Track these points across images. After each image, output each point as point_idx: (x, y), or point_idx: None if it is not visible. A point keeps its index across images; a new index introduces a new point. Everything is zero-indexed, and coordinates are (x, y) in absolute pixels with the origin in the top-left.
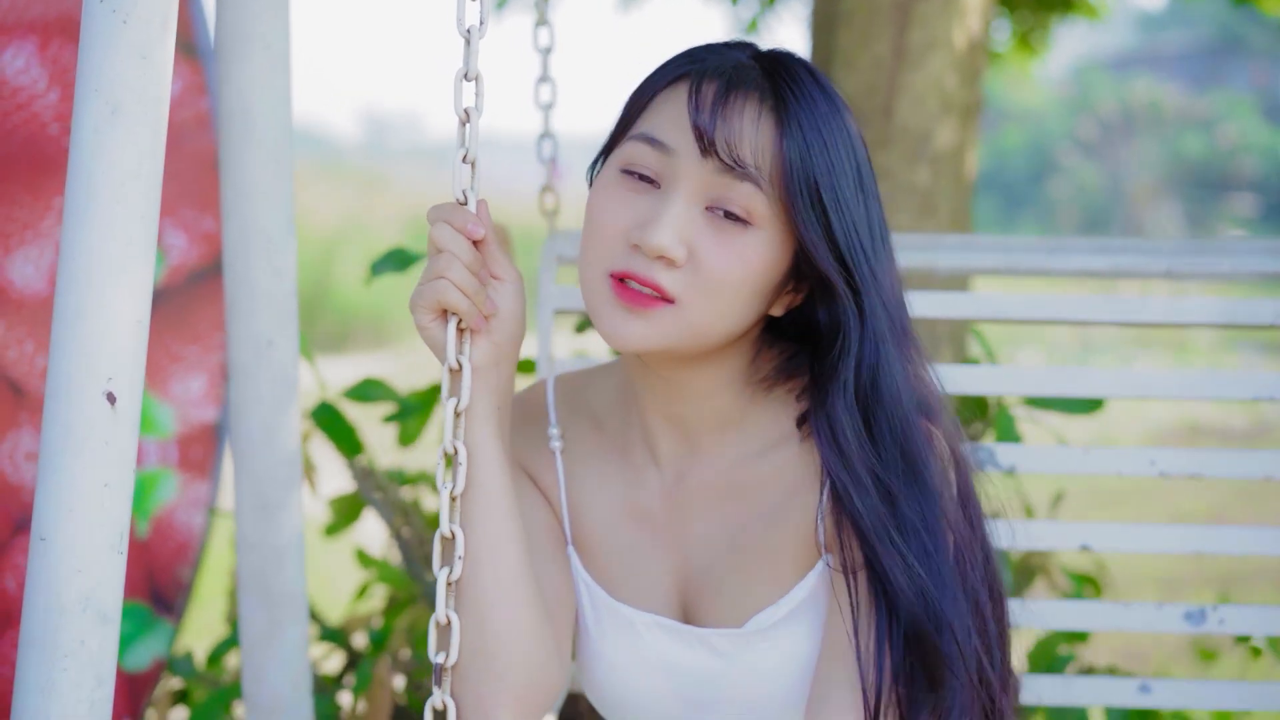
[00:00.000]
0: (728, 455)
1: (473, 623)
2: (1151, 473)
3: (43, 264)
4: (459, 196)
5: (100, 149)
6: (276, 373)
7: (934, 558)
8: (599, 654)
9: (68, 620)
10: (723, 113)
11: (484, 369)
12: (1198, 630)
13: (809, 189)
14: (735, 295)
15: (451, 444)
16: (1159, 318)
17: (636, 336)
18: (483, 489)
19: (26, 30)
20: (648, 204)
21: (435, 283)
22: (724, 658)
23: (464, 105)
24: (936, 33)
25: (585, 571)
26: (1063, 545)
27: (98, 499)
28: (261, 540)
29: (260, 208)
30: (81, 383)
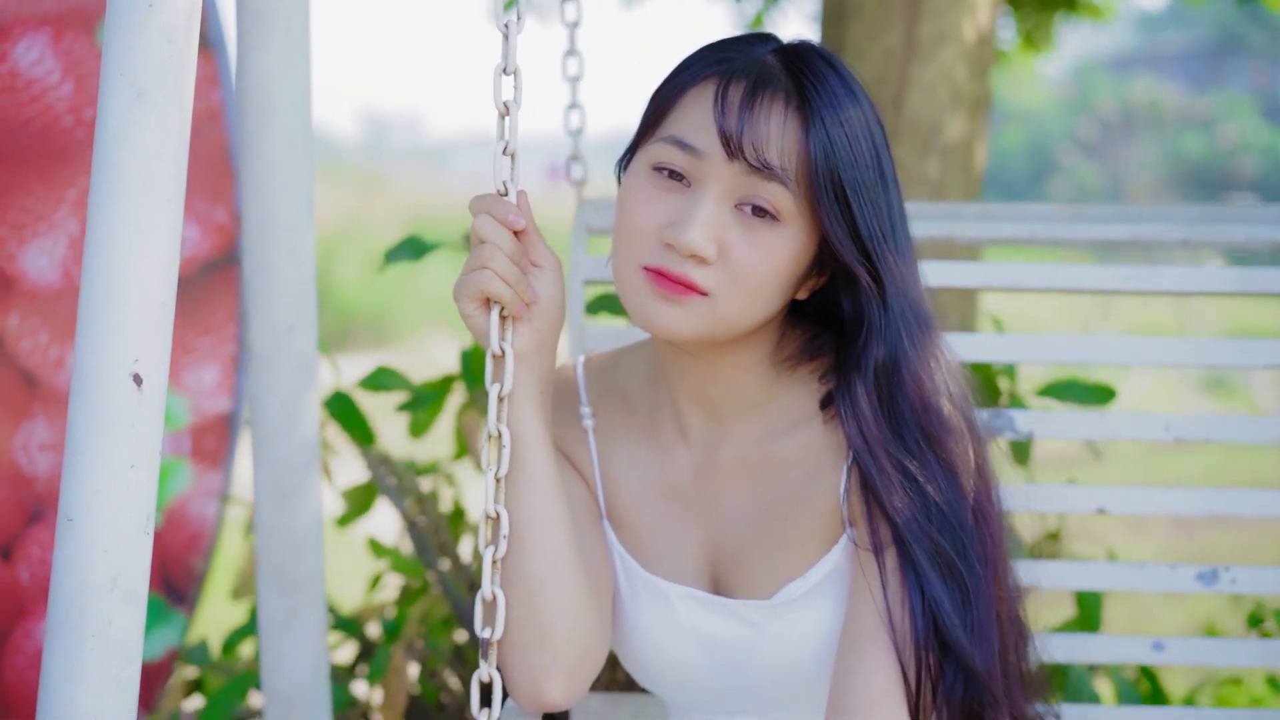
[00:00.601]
0: (754, 433)
1: (523, 599)
2: (1166, 438)
3: (56, 255)
4: (499, 188)
5: (126, 133)
6: (296, 359)
7: (958, 535)
8: (634, 624)
9: (95, 601)
10: (749, 117)
11: (526, 354)
12: (1210, 590)
13: (833, 185)
14: (764, 288)
15: (495, 427)
16: (1172, 286)
17: (673, 324)
18: (528, 470)
19: (40, 22)
20: (678, 203)
21: (479, 273)
22: (753, 628)
23: (503, 98)
24: (947, 25)
25: (620, 545)
26: (1080, 509)
27: (125, 480)
28: (280, 526)
29: (280, 195)
30: (108, 365)
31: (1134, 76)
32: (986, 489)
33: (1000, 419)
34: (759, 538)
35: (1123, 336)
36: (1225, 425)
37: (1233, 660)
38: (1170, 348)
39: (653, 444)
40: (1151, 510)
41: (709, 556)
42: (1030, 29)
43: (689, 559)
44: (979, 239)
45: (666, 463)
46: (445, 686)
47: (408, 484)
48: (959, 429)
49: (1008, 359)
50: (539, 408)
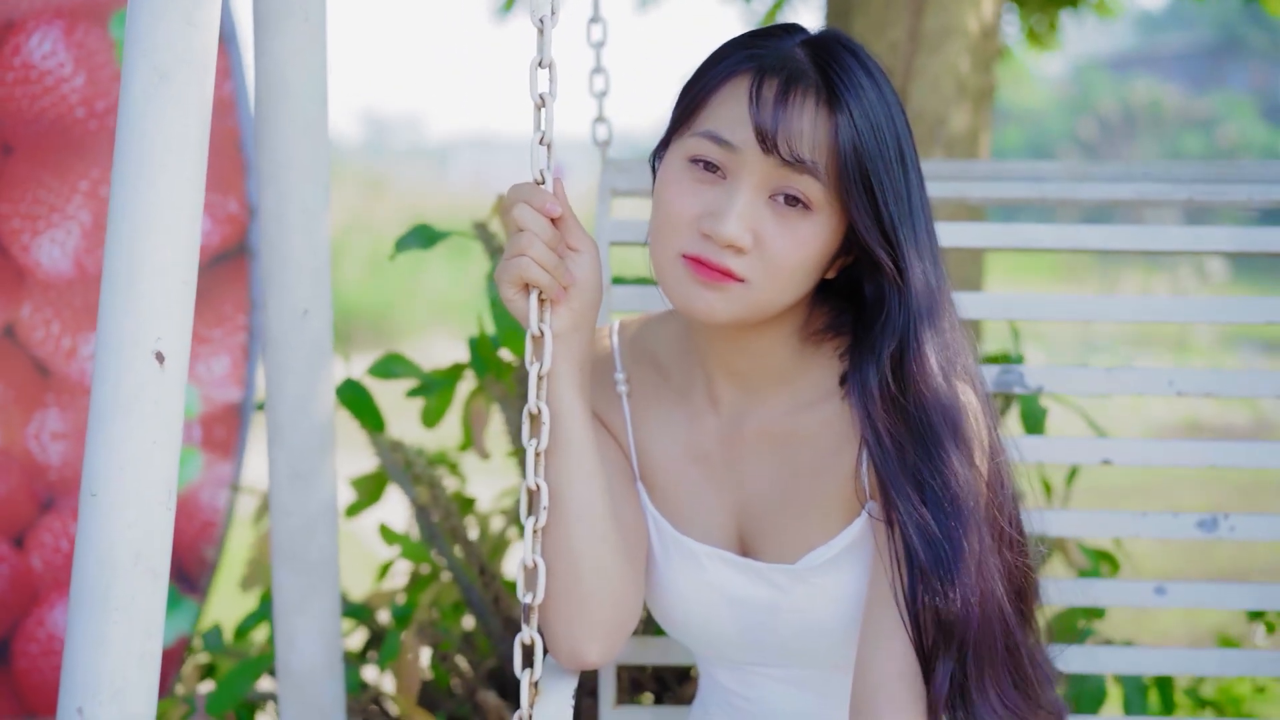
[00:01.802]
0: (781, 406)
1: (565, 570)
2: (1169, 392)
3: (69, 246)
4: (536, 177)
5: (148, 114)
6: (311, 342)
7: (952, 519)
8: (667, 582)
9: (119, 575)
10: (783, 113)
11: (564, 335)
12: (1210, 536)
13: (861, 176)
14: (797, 273)
15: (535, 404)
16: (1175, 245)
17: (712, 309)
18: (570, 445)
19: (53, 15)
20: (714, 194)
21: (518, 259)
22: (779, 590)
23: (539, 90)
24: (951, 19)
25: (652, 506)
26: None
27: (147, 456)
28: (295, 508)
29: (296, 179)
30: (131, 342)
31: (1134, 77)
32: (1000, 476)
33: (1010, 374)
34: (784, 506)
35: (1125, 296)
36: (1224, 380)
37: (1233, 604)
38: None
39: (684, 410)
40: (1156, 460)
41: (737, 521)
42: (1035, 26)
43: (717, 522)
44: (987, 199)
45: (696, 429)
46: (456, 671)
47: (418, 470)
48: (969, 422)
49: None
50: (578, 385)
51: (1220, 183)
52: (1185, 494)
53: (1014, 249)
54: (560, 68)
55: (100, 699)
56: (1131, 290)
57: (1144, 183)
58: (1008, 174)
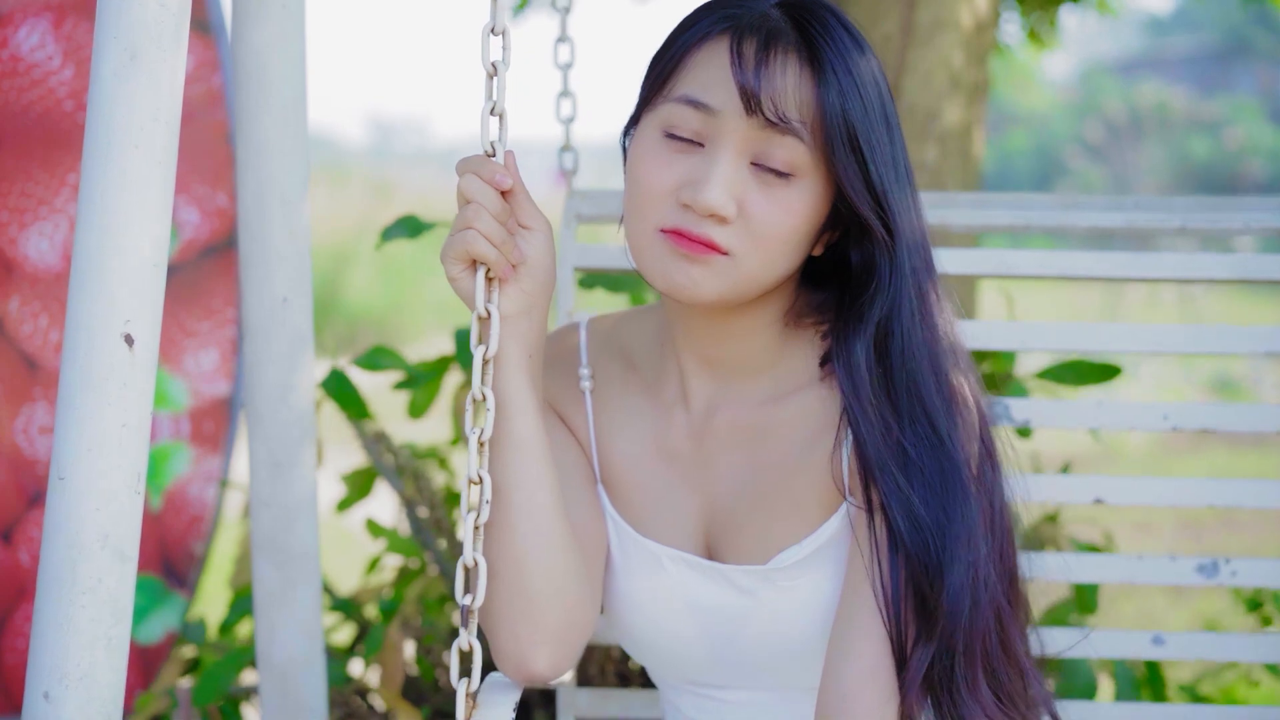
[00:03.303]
0: (756, 396)
1: (508, 567)
2: (1164, 427)
3: (57, 239)
4: (487, 149)
5: (119, 94)
6: (291, 331)
7: (941, 499)
8: (625, 590)
9: (86, 558)
10: (765, 71)
11: (514, 317)
12: (1210, 582)
13: (847, 136)
14: (784, 244)
15: (480, 390)
16: (1171, 273)
17: (695, 283)
18: (516, 436)
19: (41, 8)
20: (693, 163)
21: (463, 233)
22: (747, 595)
23: (491, 59)
24: (944, 12)
25: (613, 508)
26: (1078, 499)
27: (116, 439)
28: (274, 499)
29: (275, 167)
30: (100, 325)
31: (1141, 79)
32: (990, 459)
33: (997, 407)
34: (755, 502)
35: (1126, 324)
36: (1223, 413)
37: (1231, 656)
38: (1173, 335)
39: (652, 406)
40: (1149, 501)
41: (704, 521)
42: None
43: (683, 523)
44: (974, 226)
45: (665, 425)
46: (441, 665)
47: (405, 463)
48: (960, 393)
49: (1010, 346)
50: (527, 372)
51: (1213, 211)
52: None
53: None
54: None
55: (67, 683)
56: (1137, 299)
57: (1134, 212)
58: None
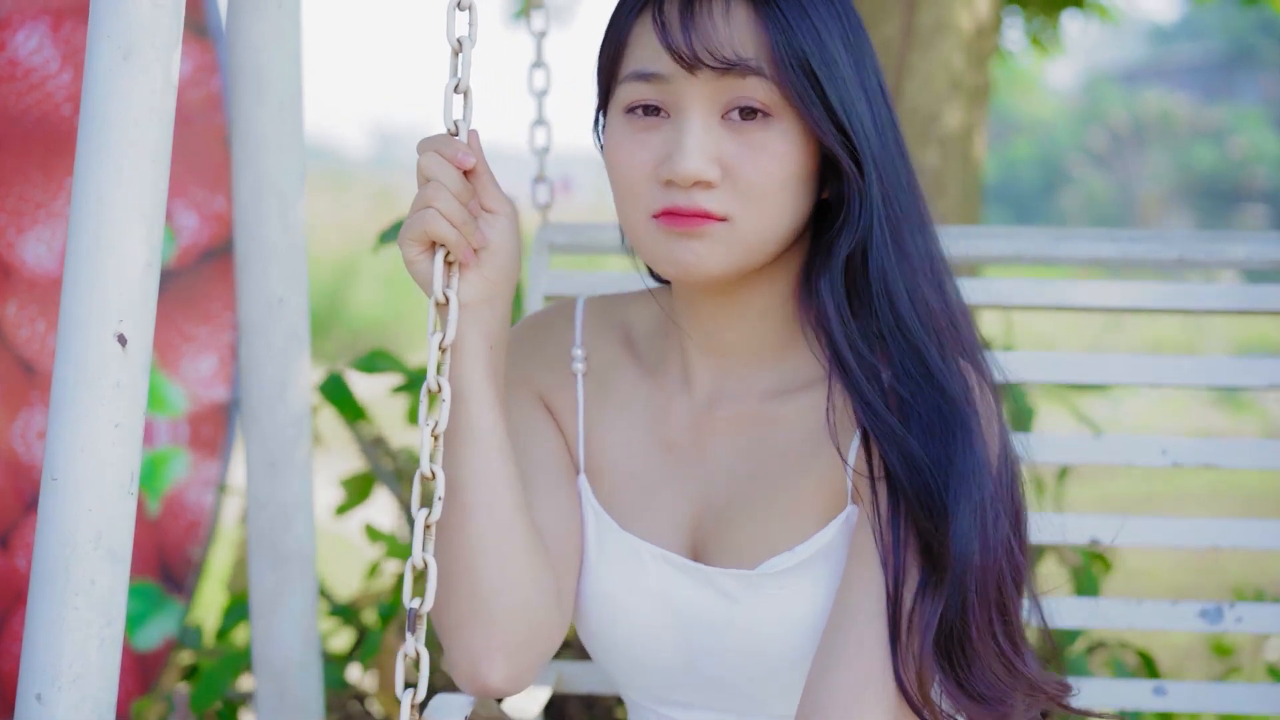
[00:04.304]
0: (762, 387)
1: (462, 570)
2: (1164, 462)
3: (54, 244)
4: (450, 127)
5: (112, 93)
6: (287, 330)
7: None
8: (600, 589)
9: (79, 558)
10: (693, 23)
11: (474, 304)
12: (1214, 629)
13: (799, 63)
14: (778, 193)
15: (435, 381)
16: (1170, 303)
17: (700, 259)
18: (473, 431)
19: (40, 12)
20: (664, 136)
21: (422, 212)
22: (730, 601)
23: (457, 34)
24: (944, 15)
25: (595, 499)
26: (1070, 539)
27: (109, 440)
28: (270, 499)
29: (271, 164)
30: (93, 324)
31: (1145, 88)
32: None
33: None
34: (751, 501)
35: (1132, 355)
36: (1223, 450)
37: (1237, 707)
38: (1180, 366)
39: (650, 392)
40: (1146, 541)
41: (694, 520)
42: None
43: (672, 519)
44: (969, 257)
45: (663, 412)
46: (438, 669)
47: (403, 468)
48: (946, 325)
49: (1016, 378)
50: (487, 363)
51: (1210, 243)
52: (1195, 506)
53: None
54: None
55: (59, 684)
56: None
57: (1130, 244)
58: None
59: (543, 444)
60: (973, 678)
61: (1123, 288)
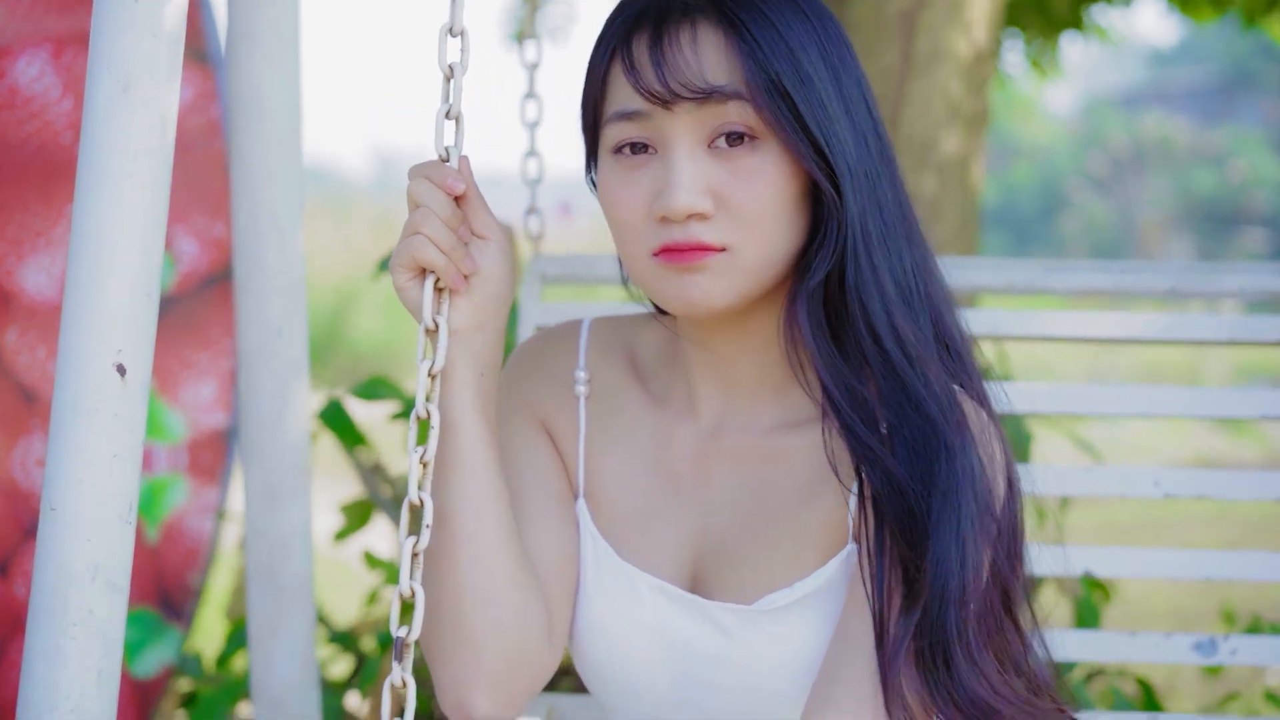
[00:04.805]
0: (769, 420)
1: (449, 600)
2: (1156, 494)
3: (54, 271)
4: (440, 153)
5: (111, 124)
6: (285, 360)
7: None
8: (596, 618)
9: (77, 589)
10: (662, 58)
11: (464, 331)
12: (1208, 661)
13: (771, 84)
14: (774, 218)
15: (424, 408)
16: (1164, 335)
17: (705, 292)
18: (461, 459)
19: (41, 39)
20: (653, 173)
21: (411, 239)
22: (726, 636)
23: (449, 60)
24: (942, 42)
25: (594, 526)
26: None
27: (107, 469)
28: (269, 528)
29: (270, 193)
30: (92, 354)
31: (1144, 112)
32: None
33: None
34: (752, 536)
35: (1129, 386)
36: (1217, 481)
37: None
38: (1179, 397)
39: (655, 418)
40: (1142, 573)
41: (694, 551)
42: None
43: (671, 549)
44: (961, 289)
45: (667, 440)
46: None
47: (402, 494)
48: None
49: (1017, 409)
50: (476, 391)
51: (1203, 275)
52: (1194, 531)
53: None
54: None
55: (57, 715)
56: None
57: (1122, 275)
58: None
59: (539, 468)
60: (960, 700)
61: (1118, 318)
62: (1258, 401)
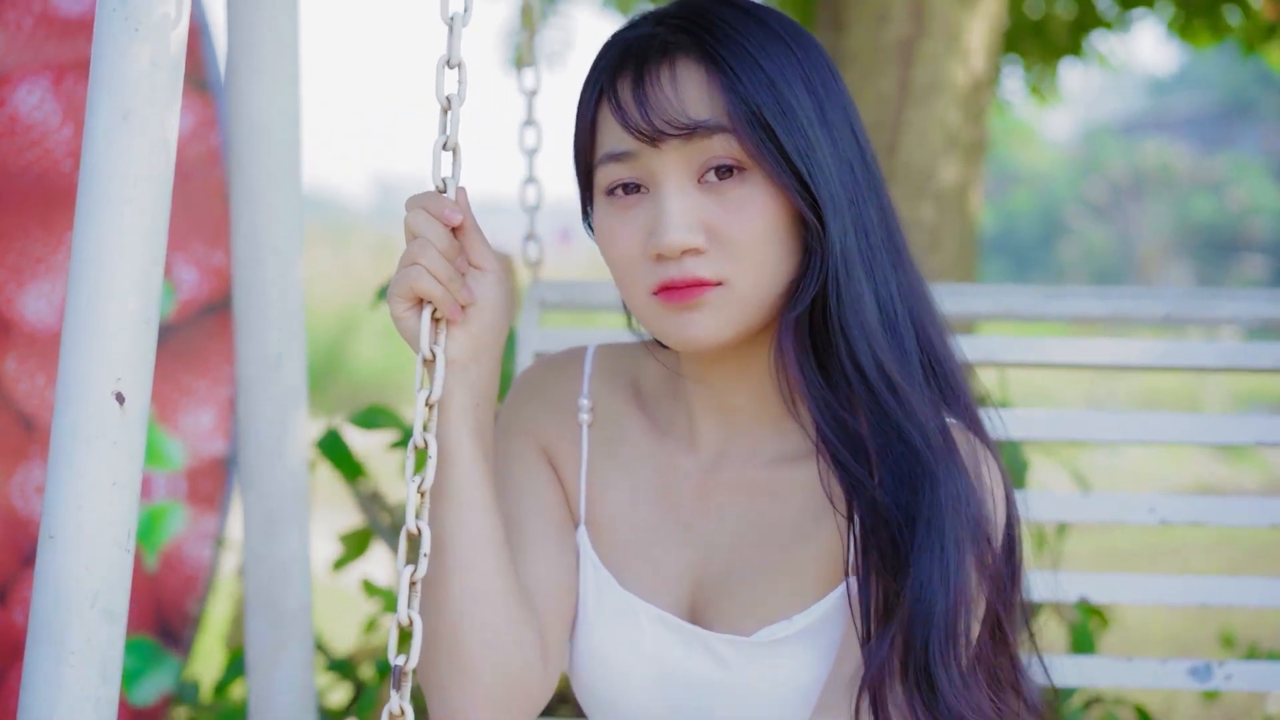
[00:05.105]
0: (769, 452)
1: (445, 628)
2: (1152, 520)
3: (54, 298)
4: (438, 184)
5: (111, 152)
6: (284, 388)
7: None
8: (593, 644)
9: (75, 617)
10: (645, 98)
11: (461, 361)
12: (1203, 687)
13: (752, 117)
14: (767, 248)
15: (421, 437)
16: (1159, 361)
17: (705, 329)
18: (457, 489)
19: (42, 67)
20: (646, 212)
21: (408, 269)
22: (724, 667)
23: (445, 93)
24: (939, 72)
25: (595, 554)
26: (1060, 596)
27: (106, 497)
28: (268, 555)
29: (269, 222)
30: (91, 382)
31: (1143, 139)
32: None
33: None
34: (752, 567)
35: (1128, 413)
36: (1212, 507)
37: None
38: (1177, 423)
39: (658, 447)
40: (1138, 599)
41: (694, 581)
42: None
43: (671, 579)
44: (959, 316)
45: (669, 471)
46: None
47: (400, 523)
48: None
49: (1015, 436)
50: (473, 421)
51: (1200, 300)
52: (1194, 558)
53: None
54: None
55: None
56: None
57: (1119, 300)
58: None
59: (539, 496)
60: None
61: (1116, 345)
62: (1255, 428)
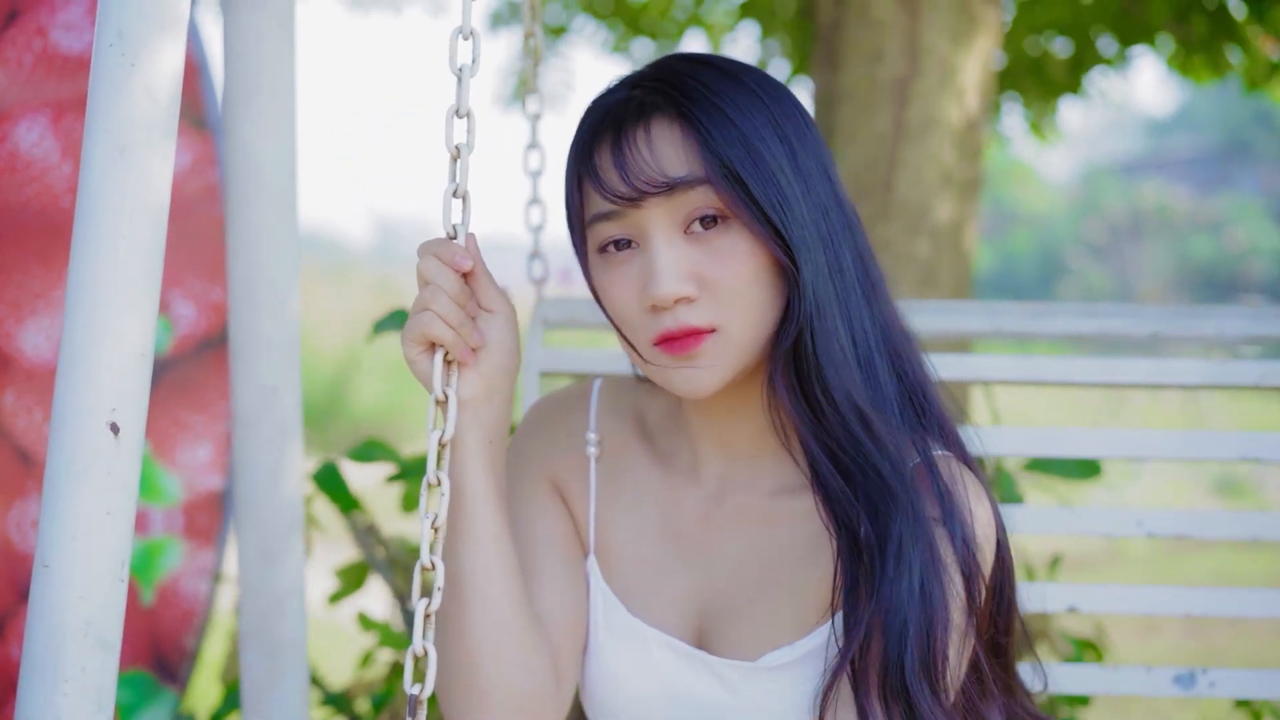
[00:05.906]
0: (770, 483)
1: (461, 659)
2: (1139, 533)
3: (53, 334)
4: (448, 231)
5: (107, 186)
6: (280, 420)
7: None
8: (604, 668)
9: (69, 646)
10: (623, 161)
11: (473, 401)
12: (1188, 694)
13: (725, 170)
14: (755, 292)
15: (435, 475)
16: (1142, 378)
17: (705, 379)
18: (470, 525)
19: (41, 104)
20: (638, 266)
21: (420, 315)
22: (730, 690)
23: (455, 141)
24: (935, 110)
25: (604, 582)
26: (1050, 608)
27: (100, 527)
28: (263, 587)
29: (265, 255)
30: (85, 413)
31: (1142, 180)
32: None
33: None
34: (754, 595)
35: (1133, 430)
36: (1197, 520)
37: None
38: (1169, 441)
39: (662, 479)
40: (1126, 610)
41: (699, 607)
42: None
43: (677, 606)
44: (946, 334)
45: (674, 501)
46: None
47: (396, 557)
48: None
49: (1000, 451)
50: (486, 459)
51: (1185, 319)
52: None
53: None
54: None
55: None
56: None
57: (1106, 318)
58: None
59: (550, 529)
60: None
61: (1107, 363)
62: (1255, 445)
